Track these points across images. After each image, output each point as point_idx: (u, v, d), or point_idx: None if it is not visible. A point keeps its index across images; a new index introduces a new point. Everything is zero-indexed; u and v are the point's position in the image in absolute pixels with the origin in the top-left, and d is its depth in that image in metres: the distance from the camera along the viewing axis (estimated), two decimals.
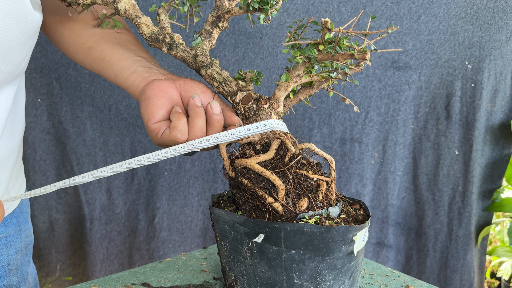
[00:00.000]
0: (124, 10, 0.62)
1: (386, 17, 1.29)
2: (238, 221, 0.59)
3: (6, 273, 0.77)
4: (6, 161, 0.71)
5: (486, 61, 1.35)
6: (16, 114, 0.73)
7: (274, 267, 0.57)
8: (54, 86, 1.25)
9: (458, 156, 1.42)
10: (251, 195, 0.60)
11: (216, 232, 0.65)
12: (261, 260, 0.58)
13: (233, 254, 0.61)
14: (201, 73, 0.66)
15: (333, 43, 0.56)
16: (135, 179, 1.33)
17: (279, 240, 0.55)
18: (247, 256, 0.59)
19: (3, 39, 0.56)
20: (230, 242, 0.61)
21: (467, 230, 1.46)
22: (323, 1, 1.26)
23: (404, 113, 1.38)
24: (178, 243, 1.39)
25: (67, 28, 0.73)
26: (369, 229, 1.47)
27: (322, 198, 0.60)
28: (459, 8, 1.31)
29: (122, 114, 1.28)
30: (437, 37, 1.33)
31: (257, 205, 0.60)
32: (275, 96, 0.65)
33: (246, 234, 0.58)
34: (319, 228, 0.55)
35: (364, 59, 0.54)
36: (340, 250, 0.56)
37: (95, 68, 0.71)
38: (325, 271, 0.56)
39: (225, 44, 1.27)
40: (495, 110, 1.42)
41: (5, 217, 0.77)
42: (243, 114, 0.65)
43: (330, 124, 1.37)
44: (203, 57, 0.65)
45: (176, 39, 0.65)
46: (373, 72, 1.34)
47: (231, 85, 0.66)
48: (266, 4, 0.62)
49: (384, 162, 1.43)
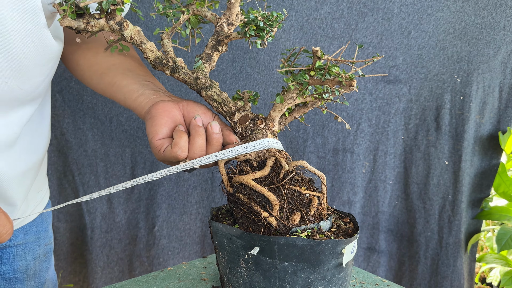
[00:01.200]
0: (130, 36, 0.67)
1: (378, 33, 1.34)
2: (235, 234, 0.63)
3: (24, 278, 0.82)
4: (26, 176, 0.75)
5: (474, 74, 1.41)
6: (39, 132, 0.78)
7: (269, 277, 0.61)
8: (57, 99, 1.29)
9: (448, 166, 1.47)
10: (248, 209, 0.65)
11: (215, 244, 0.69)
12: (256, 271, 0.62)
13: (231, 265, 0.65)
14: (202, 94, 0.70)
15: (323, 70, 0.60)
16: (135, 189, 1.37)
17: (273, 252, 0.60)
18: (244, 267, 0.63)
19: (21, 57, 0.61)
20: (228, 254, 0.65)
21: (457, 237, 1.51)
22: (317, 18, 1.31)
23: (395, 124, 1.43)
24: (177, 250, 1.43)
25: (82, 57, 0.79)
26: (360, 234, 1.52)
27: (314, 212, 0.65)
28: (448, 24, 1.36)
29: (123, 125, 1.32)
30: (426, 51, 1.38)
31: (253, 219, 0.64)
32: (271, 116, 0.70)
33: (242, 246, 0.62)
34: (310, 242, 0.59)
35: (351, 85, 0.58)
36: (329, 262, 0.61)
37: (106, 92, 0.77)
38: (315, 282, 0.61)
39: (222, 59, 1.31)
40: (483, 121, 1.47)
41: (25, 225, 0.82)
42: (240, 133, 0.69)
43: (323, 135, 1.42)
44: (203, 80, 0.70)
45: (179, 63, 0.70)
46: (364, 86, 1.39)
47: (230, 105, 0.70)
48: (262, 31, 0.66)
49: (374, 171, 1.48)
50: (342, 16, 1.32)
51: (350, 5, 1.31)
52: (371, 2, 1.32)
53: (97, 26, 0.65)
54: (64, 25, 0.62)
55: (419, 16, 1.34)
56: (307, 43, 1.33)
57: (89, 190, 1.34)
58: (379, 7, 1.33)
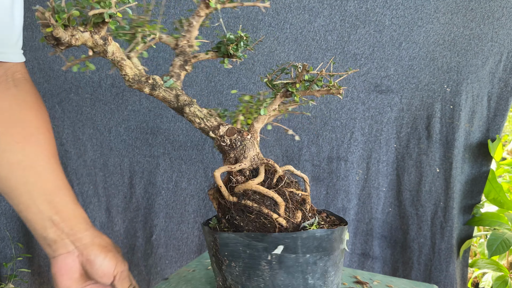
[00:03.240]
0: (112, 52, 0.66)
1: (370, 44, 1.38)
2: (255, 238, 0.65)
3: None
4: None
5: (463, 84, 1.45)
6: None
7: (292, 273, 0.65)
8: (56, 110, 1.31)
9: (439, 173, 1.50)
10: (256, 215, 0.68)
11: (221, 256, 0.70)
12: (280, 270, 0.65)
13: (249, 271, 0.67)
14: (185, 111, 0.71)
15: (311, 82, 0.65)
16: (134, 198, 1.39)
17: (296, 248, 0.64)
18: (266, 269, 0.66)
19: None
20: (245, 261, 0.67)
21: (449, 243, 1.54)
22: (311, 30, 1.34)
23: (387, 133, 1.47)
24: (175, 259, 1.45)
25: None
26: (354, 240, 1.55)
27: (309, 209, 0.71)
28: (437, 36, 1.41)
29: (122, 136, 1.35)
30: (417, 62, 1.42)
31: (263, 222, 0.68)
32: (254, 128, 0.73)
33: (264, 249, 0.65)
34: (326, 232, 0.65)
35: (339, 93, 0.64)
36: (338, 247, 0.67)
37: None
38: (330, 268, 0.67)
39: (219, 70, 1.35)
40: (473, 130, 1.51)
41: None
42: (229, 145, 0.71)
43: (318, 144, 1.45)
44: (184, 96, 0.71)
45: (158, 80, 0.70)
46: (357, 95, 1.43)
47: (211, 120, 0.72)
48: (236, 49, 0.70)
49: (368, 178, 1.51)
50: (335, 28, 1.36)
51: (343, 18, 1.36)
52: (363, 14, 1.36)
53: (80, 40, 0.62)
54: (57, 35, 0.58)
55: (410, 28, 1.39)
56: (301, 55, 1.36)
57: (88, 200, 1.36)
58: (371, 20, 1.37)
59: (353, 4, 1.35)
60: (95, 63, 1.28)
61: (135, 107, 1.34)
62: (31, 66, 1.27)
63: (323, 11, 1.34)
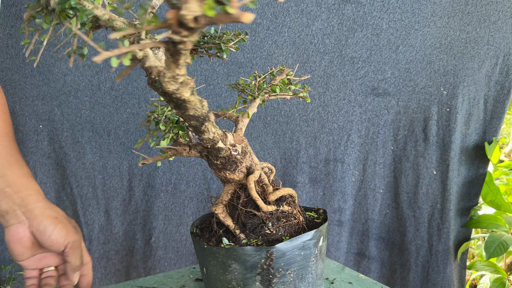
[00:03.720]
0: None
1: (367, 48, 1.40)
2: (307, 238, 0.67)
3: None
4: None
5: (460, 87, 1.46)
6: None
7: (323, 259, 0.71)
8: (55, 113, 1.31)
9: (436, 175, 1.51)
10: (287, 217, 0.70)
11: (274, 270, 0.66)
12: (320, 258, 0.70)
13: (302, 272, 0.68)
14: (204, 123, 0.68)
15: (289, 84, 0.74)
16: (133, 201, 1.39)
17: (326, 236, 0.71)
18: (313, 263, 0.69)
19: None
20: (299, 264, 0.67)
21: (446, 245, 1.55)
22: (309, 33, 1.35)
23: (384, 135, 1.48)
24: (174, 261, 1.45)
25: None
26: (350, 240, 1.56)
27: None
28: (434, 39, 1.42)
29: (121, 138, 1.36)
30: (414, 65, 1.43)
31: (294, 223, 0.70)
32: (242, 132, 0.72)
33: (314, 244, 0.68)
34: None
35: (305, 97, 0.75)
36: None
37: None
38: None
39: (218, 73, 1.36)
40: (469, 132, 1.52)
41: None
42: (240, 153, 0.69)
43: (315, 146, 1.46)
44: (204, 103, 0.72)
45: None
46: (354, 98, 1.44)
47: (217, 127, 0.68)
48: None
49: (364, 179, 1.52)
50: (332, 32, 1.37)
51: (341, 22, 1.37)
52: (360, 18, 1.37)
53: None
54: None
55: (407, 31, 1.40)
56: (299, 58, 1.37)
57: (87, 202, 1.37)
58: (368, 23, 1.38)
59: (350, 8, 1.36)
60: (94, 66, 1.29)
61: (134, 110, 1.35)
62: (31, 69, 1.27)
63: (321, 14, 1.35)
